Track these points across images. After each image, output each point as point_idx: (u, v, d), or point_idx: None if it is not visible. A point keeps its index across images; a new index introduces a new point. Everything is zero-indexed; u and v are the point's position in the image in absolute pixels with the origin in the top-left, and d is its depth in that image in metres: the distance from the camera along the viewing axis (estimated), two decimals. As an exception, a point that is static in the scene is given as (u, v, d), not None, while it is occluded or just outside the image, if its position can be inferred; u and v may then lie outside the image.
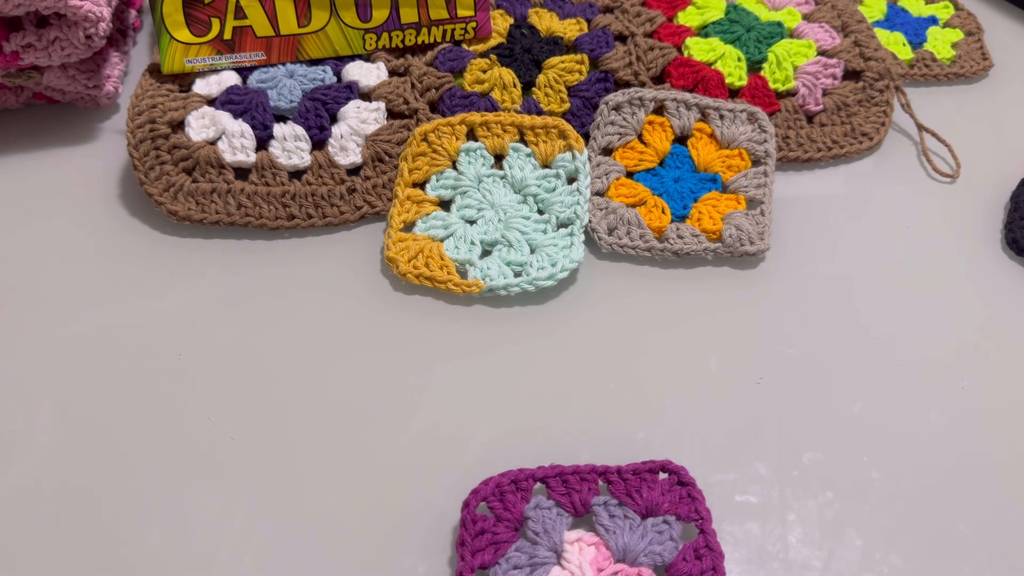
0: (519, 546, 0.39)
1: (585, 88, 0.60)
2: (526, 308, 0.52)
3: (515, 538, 0.40)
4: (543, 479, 0.42)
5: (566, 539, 0.40)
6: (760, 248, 0.54)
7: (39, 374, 0.48)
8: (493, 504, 0.41)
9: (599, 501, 0.41)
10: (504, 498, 0.41)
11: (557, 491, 0.41)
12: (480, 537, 0.39)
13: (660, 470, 0.42)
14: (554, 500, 0.41)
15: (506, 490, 0.41)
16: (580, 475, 0.42)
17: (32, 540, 0.42)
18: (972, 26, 0.73)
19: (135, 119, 0.54)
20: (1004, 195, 0.61)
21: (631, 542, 0.39)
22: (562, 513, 0.41)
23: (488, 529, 0.40)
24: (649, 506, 0.41)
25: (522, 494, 0.41)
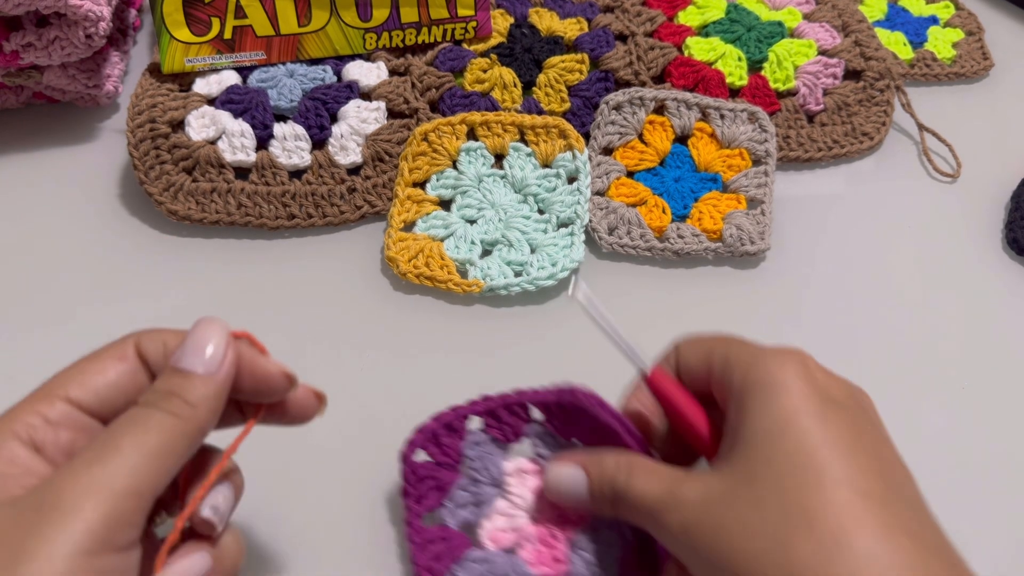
0: (462, 484, 0.40)
1: (585, 87, 0.60)
2: (526, 308, 0.52)
3: (457, 477, 0.41)
4: (477, 414, 0.42)
5: (505, 470, 0.41)
6: (760, 248, 0.54)
7: (38, 373, 0.47)
8: (431, 450, 0.41)
9: (530, 429, 0.42)
10: (440, 442, 0.41)
11: (490, 425, 0.42)
12: (422, 483, 0.40)
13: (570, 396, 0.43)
14: (488, 435, 0.42)
15: (440, 434, 0.42)
16: (509, 407, 0.42)
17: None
18: (973, 26, 0.73)
19: (135, 118, 0.54)
20: (1005, 195, 0.61)
21: None
22: (498, 445, 0.42)
23: (429, 475, 0.41)
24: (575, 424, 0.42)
25: (457, 435, 0.42)
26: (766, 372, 0.32)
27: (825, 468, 0.29)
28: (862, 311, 0.53)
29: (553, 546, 0.39)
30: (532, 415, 0.42)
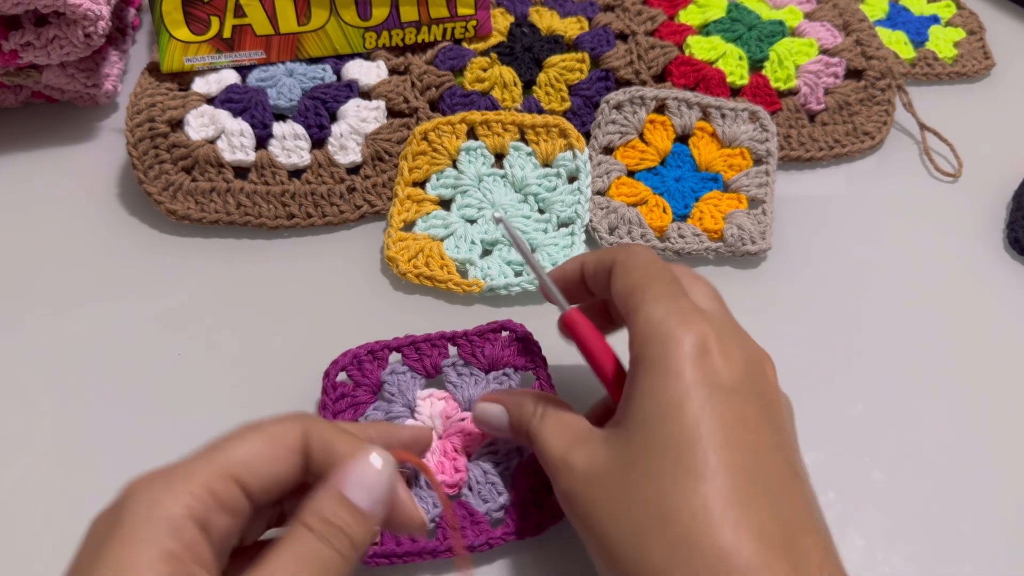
0: (376, 405, 0.44)
1: (586, 87, 0.60)
2: (527, 308, 0.52)
3: (373, 400, 0.44)
4: (398, 348, 0.46)
5: (419, 396, 0.44)
6: (762, 247, 0.54)
7: (38, 373, 0.47)
8: (352, 372, 0.45)
9: (448, 363, 0.45)
10: (362, 366, 0.45)
11: (410, 358, 0.45)
12: (340, 400, 0.44)
13: (501, 329, 0.47)
14: (408, 366, 0.45)
15: (363, 359, 0.45)
16: (431, 342, 0.46)
17: (31, 539, 0.42)
18: (974, 25, 0.72)
19: (134, 118, 0.54)
20: (1006, 194, 0.60)
21: (475, 394, 0.44)
22: (416, 376, 0.45)
23: (348, 393, 0.44)
24: (492, 361, 0.45)
25: (379, 363, 0.45)
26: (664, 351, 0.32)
27: (694, 464, 0.30)
28: (863, 311, 0.53)
29: (455, 458, 0.42)
30: (451, 351, 0.46)
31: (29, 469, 0.44)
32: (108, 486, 0.44)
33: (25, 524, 0.42)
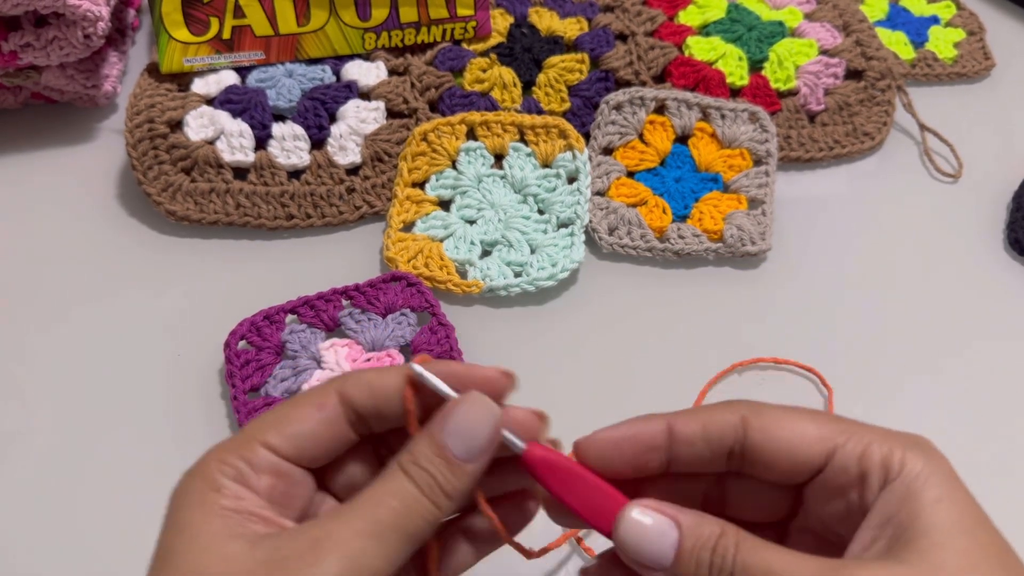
0: (282, 364, 0.46)
1: (586, 87, 0.60)
2: (526, 308, 0.51)
3: (278, 361, 0.46)
4: (292, 310, 0.48)
5: (321, 348, 0.46)
6: (761, 248, 0.54)
7: (37, 373, 0.47)
8: (252, 339, 0.47)
9: (344, 313, 0.48)
10: (260, 332, 0.47)
11: (306, 316, 0.48)
12: (246, 367, 0.46)
13: (392, 279, 0.49)
14: (306, 323, 0.48)
15: (260, 325, 0.47)
16: (324, 298, 0.48)
17: (31, 539, 0.41)
18: (974, 25, 0.72)
19: (133, 119, 0.54)
20: (1006, 195, 0.60)
21: (377, 335, 0.47)
22: (315, 331, 0.47)
23: (252, 359, 0.46)
24: (387, 306, 0.49)
25: (276, 326, 0.47)
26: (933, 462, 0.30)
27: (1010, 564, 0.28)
28: (863, 311, 0.53)
29: None
30: (345, 304, 0.48)
31: (29, 469, 0.44)
32: (108, 485, 0.44)
33: (25, 524, 0.42)
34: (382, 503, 0.27)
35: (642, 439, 0.31)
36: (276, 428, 0.29)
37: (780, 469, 0.30)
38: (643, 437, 0.31)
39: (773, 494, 0.32)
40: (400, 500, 0.27)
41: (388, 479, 0.28)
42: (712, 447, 0.30)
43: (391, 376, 0.30)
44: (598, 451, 0.31)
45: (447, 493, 0.28)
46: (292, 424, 0.29)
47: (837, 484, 0.29)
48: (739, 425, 0.30)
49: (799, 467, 0.30)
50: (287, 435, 0.29)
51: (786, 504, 0.32)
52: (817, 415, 0.30)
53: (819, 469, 0.29)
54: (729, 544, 0.28)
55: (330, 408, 0.30)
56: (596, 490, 0.30)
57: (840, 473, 0.29)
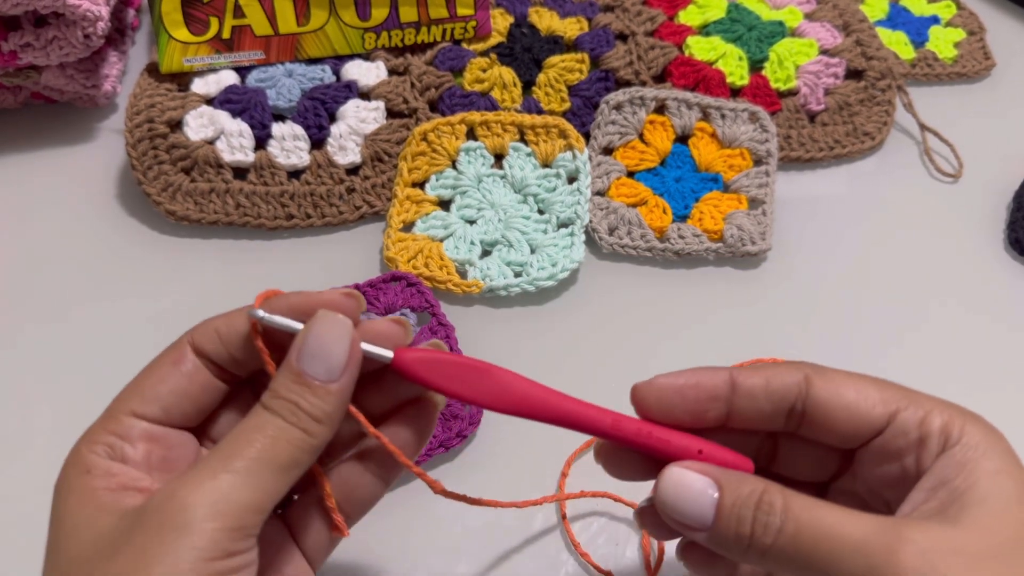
0: None
1: (586, 87, 0.60)
2: (526, 308, 0.51)
3: None
4: None
5: None
6: (762, 248, 0.54)
7: (37, 373, 0.47)
8: None
9: None
10: None
11: None
12: None
13: (392, 279, 0.49)
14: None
15: None
16: None
17: (31, 539, 0.41)
18: (974, 25, 0.72)
19: (133, 118, 0.54)
20: (1007, 195, 0.60)
21: None
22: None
23: None
24: (387, 306, 0.48)
25: None
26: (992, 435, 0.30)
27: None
28: (864, 311, 0.53)
29: None
30: None
31: (29, 469, 0.44)
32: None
33: (25, 524, 0.42)
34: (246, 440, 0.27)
35: (705, 387, 0.30)
36: (138, 394, 0.29)
37: (839, 430, 0.30)
38: (706, 386, 0.30)
39: (823, 455, 0.32)
40: (264, 433, 0.27)
41: (251, 417, 0.27)
42: (774, 402, 0.30)
43: (238, 320, 0.29)
44: (658, 396, 0.30)
45: (316, 417, 0.27)
46: (152, 386, 0.29)
47: (894, 448, 0.29)
48: (802, 383, 0.30)
49: (859, 429, 0.29)
50: (150, 398, 0.29)
51: (833, 466, 0.32)
52: (877, 380, 0.30)
53: (878, 432, 0.29)
54: (775, 501, 0.27)
55: (187, 362, 0.29)
56: (484, 373, 0.29)
57: (899, 437, 0.29)
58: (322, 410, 0.27)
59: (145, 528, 0.25)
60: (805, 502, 0.27)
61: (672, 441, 0.30)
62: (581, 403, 0.30)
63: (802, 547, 0.26)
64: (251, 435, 0.27)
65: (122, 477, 0.27)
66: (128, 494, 0.27)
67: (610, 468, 0.32)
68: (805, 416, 0.30)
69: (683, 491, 0.28)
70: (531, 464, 0.45)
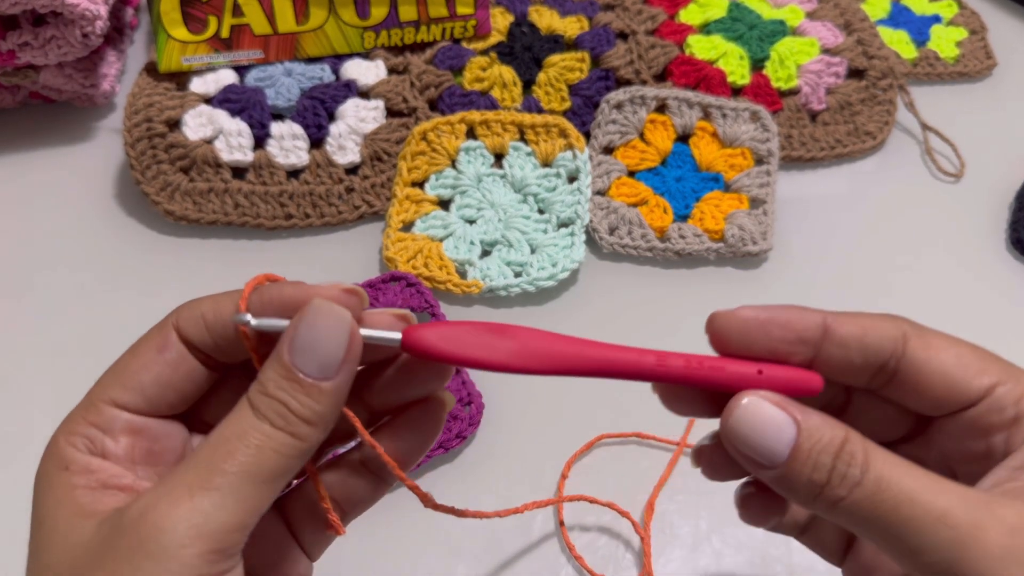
0: None
1: (586, 86, 0.60)
2: (526, 308, 0.51)
3: None
4: None
5: None
6: (763, 248, 0.54)
7: (36, 373, 0.47)
8: None
9: None
10: None
11: None
12: None
13: (391, 279, 0.50)
14: None
15: None
16: None
17: (26, 543, 0.41)
18: (976, 24, 0.72)
19: (132, 118, 0.54)
20: (1008, 194, 0.60)
21: None
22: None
23: None
24: (387, 306, 0.48)
25: None
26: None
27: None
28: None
29: None
30: None
31: (29, 469, 0.44)
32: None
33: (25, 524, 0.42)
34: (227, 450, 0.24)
35: (795, 327, 0.27)
36: (119, 382, 0.26)
37: (930, 396, 0.27)
38: (797, 326, 0.27)
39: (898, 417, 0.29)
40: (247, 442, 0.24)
41: (234, 418, 0.25)
42: (866, 355, 0.28)
43: (227, 307, 0.27)
44: (741, 329, 0.27)
45: (306, 419, 0.24)
46: (135, 374, 0.26)
47: (985, 423, 0.27)
48: (900, 339, 0.28)
49: (952, 398, 0.27)
50: (132, 387, 0.26)
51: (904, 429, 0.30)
52: (978, 348, 0.28)
53: (971, 404, 0.27)
54: (856, 452, 0.25)
55: (171, 349, 0.27)
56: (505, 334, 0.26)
57: (993, 412, 0.27)
58: (313, 411, 0.25)
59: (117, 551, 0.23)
60: (888, 459, 0.25)
61: (726, 368, 0.27)
62: (616, 348, 0.27)
63: (879, 507, 0.24)
64: (233, 444, 0.24)
65: (102, 474, 0.25)
66: (108, 493, 0.25)
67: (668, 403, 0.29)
68: (896, 375, 0.27)
69: (758, 424, 0.25)
70: (531, 465, 0.45)
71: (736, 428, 0.25)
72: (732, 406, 0.26)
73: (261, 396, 0.25)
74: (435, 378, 0.28)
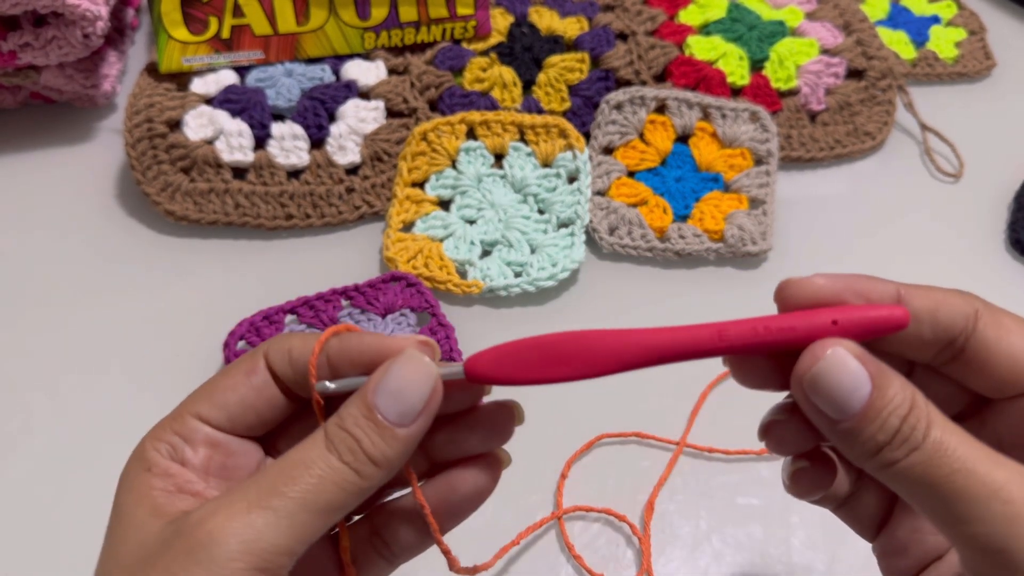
0: None
1: (586, 87, 0.60)
2: (526, 308, 0.51)
3: None
4: (292, 310, 0.48)
5: None
6: (762, 248, 0.54)
7: (36, 373, 0.47)
8: (251, 339, 0.46)
9: (343, 314, 0.48)
10: (259, 332, 0.47)
11: (306, 316, 0.48)
12: None
13: (392, 280, 0.49)
14: (305, 323, 0.48)
15: (260, 325, 0.47)
16: (324, 298, 0.48)
17: (30, 539, 0.41)
18: (975, 25, 0.72)
19: (132, 118, 0.54)
20: (1008, 195, 0.60)
21: None
22: (315, 331, 0.45)
23: None
24: (387, 306, 0.49)
25: (275, 326, 0.47)
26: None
27: None
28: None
29: None
30: (344, 304, 0.48)
31: (29, 469, 0.44)
32: (107, 485, 0.43)
33: (25, 524, 0.42)
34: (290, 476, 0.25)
35: (871, 297, 0.27)
36: (208, 398, 0.28)
37: (996, 377, 0.27)
38: (872, 295, 0.27)
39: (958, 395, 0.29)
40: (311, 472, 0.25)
41: (306, 444, 0.26)
42: (937, 331, 0.27)
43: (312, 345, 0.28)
44: (813, 293, 0.27)
45: (374, 460, 0.25)
46: (222, 392, 0.28)
47: None
48: (972, 316, 0.27)
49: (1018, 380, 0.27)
50: (218, 404, 0.28)
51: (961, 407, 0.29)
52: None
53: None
54: (921, 417, 0.25)
55: (258, 375, 0.28)
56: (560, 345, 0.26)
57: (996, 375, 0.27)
58: (383, 453, 0.25)
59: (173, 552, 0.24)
60: (948, 425, 0.25)
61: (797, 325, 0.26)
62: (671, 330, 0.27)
63: (934, 473, 0.24)
64: (297, 471, 0.25)
65: (178, 479, 0.27)
66: (182, 498, 0.27)
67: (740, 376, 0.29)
68: (963, 353, 0.27)
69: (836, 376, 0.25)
70: (530, 465, 0.45)
71: (816, 379, 0.25)
72: (814, 356, 0.25)
73: (337, 429, 0.26)
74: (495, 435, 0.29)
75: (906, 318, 0.26)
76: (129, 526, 0.26)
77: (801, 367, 0.26)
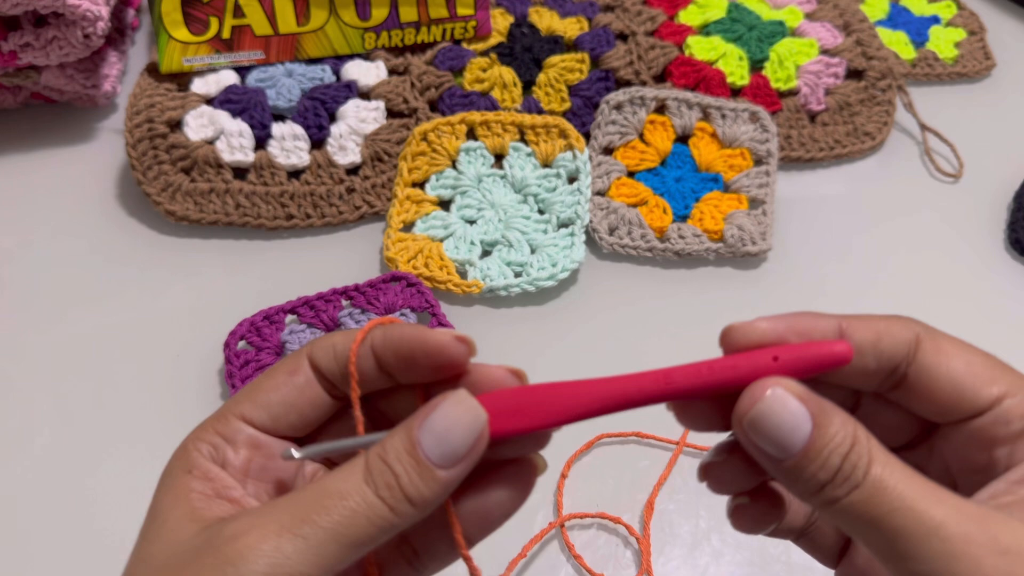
0: None
1: (586, 87, 0.60)
2: (526, 308, 0.51)
3: (277, 360, 0.45)
4: (292, 310, 0.48)
5: None
6: (762, 248, 0.54)
7: (37, 373, 0.47)
8: (251, 339, 0.47)
9: (344, 313, 0.48)
10: (260, 332, 0.47)
11: (306, 316, 0.48)
12: (245, 367, 0.46)
13: (392, 280, 0.50)
14: (305, 324, 0.48)
15: (260, 325, 0.47)
16: (324, 298, 0.48)
17: (31, 538, 0.41)
18: (975, 25, 0.72)
19: (133, 118, 0.54)
20: (1007, 195, 0.60)
21: None
22: (315, 331, 0.47)
23: (251, 359, 0.46)
24: (388, 306, 0.49)
25: (276, 326, 0.47)
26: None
27: None
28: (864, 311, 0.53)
29: None
30: (345, 304, 0.48)
31: (29, 469, 0.44)
32: (107, 485, 0.44)
33: (25, 524, 0.42)
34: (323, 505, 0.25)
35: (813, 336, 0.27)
36: (250, 399, 0.28)
37: (938, 402, 0.27)
38: (813, 333, 0.27)
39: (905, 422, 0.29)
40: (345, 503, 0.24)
41: (344, 473, 0.25)
42: (880, 361, 0.27)
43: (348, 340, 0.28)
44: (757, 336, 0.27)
45: (410, 499, 0.25)
46: (265, 393, 0.28)
47: (990, 435, 0.27)
48: (912, 342, 0.27)
49: (959, 406, 0.27)
50: (260, 404, 0.28)
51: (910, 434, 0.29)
52: (989, 356, 0.28)
53: (978, 413, 0.27)
54: (862, 454, 0.25)
55: (301, 374, 0.28)
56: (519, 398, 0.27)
57: (999, 424, 0.26)
58: (420, 493, 0.25)
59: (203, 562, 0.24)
60: (890, 462, 0.25)
61: (739, 365, 0.26)
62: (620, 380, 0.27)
63: (874, 511, 0.24)
64: (332, 501, 0.24)
65: (217, 483, 0.27)
66: (219, 503, 0.26)
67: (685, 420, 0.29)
68: (905, 380, 0.27)
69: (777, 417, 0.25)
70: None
71: (756, 420, 0.25)
72: (753, 397, 0.25)
73: (378, 461, 0.25)
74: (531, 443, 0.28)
75: (849, 353, 0.26)
76: (163, 526, 0.26)
77: (741, 408, 0.26)
